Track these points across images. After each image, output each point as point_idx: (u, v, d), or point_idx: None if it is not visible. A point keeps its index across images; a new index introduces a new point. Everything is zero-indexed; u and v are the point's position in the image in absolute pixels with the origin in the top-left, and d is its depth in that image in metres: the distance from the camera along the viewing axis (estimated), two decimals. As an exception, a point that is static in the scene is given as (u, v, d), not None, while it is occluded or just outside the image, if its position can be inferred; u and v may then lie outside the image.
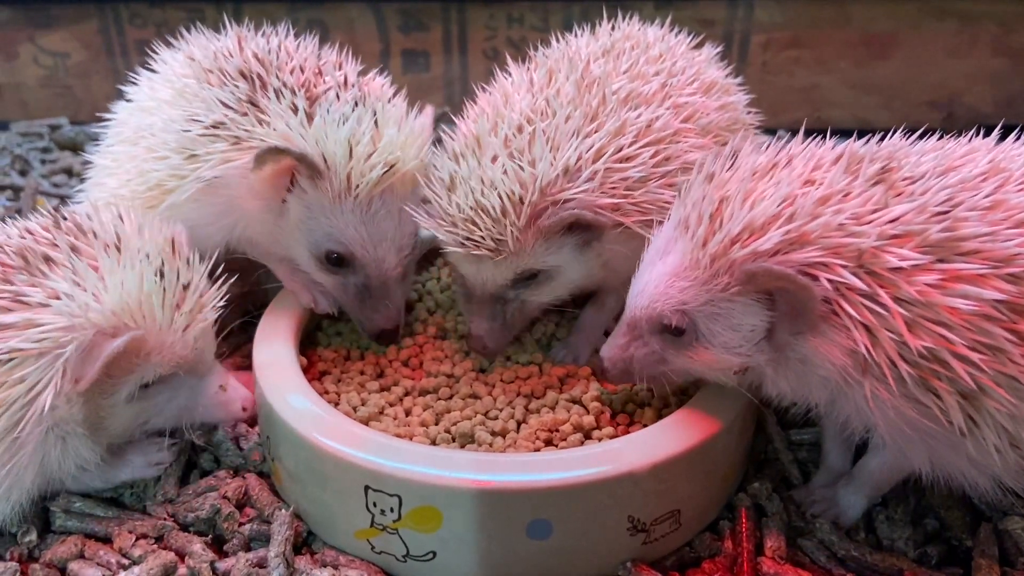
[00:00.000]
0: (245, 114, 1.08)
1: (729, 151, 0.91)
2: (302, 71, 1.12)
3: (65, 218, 0.98)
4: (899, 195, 0.82)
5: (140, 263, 0.93)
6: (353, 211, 1.07)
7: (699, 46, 1.22)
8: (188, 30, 1.23)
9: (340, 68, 1.16)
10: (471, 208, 0.99)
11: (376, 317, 1.13)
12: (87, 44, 2.11)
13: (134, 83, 1.24)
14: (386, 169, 1.06)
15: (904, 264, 0.78)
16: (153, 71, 1.24)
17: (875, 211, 0.81)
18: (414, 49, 2.11)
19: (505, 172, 0.97)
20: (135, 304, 0.91)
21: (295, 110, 1.07)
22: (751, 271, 0.81)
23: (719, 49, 1.24)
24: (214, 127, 1.08)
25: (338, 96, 1.10)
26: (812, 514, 1.02)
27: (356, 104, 1.09)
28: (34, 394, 0.87)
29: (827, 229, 0.80)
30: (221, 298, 1.00)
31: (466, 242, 1.00)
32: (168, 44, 1.24)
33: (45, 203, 1.76)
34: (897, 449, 0.91)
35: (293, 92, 1.08)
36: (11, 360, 0.87)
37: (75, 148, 2.01)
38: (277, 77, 1.10)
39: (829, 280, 0.79)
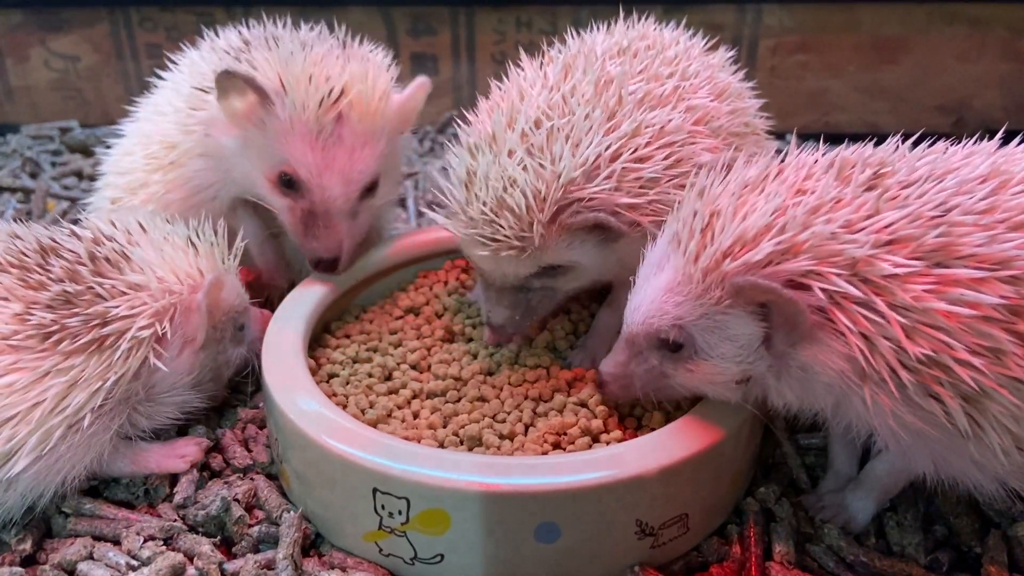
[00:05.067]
0: (238, 60, 1.15)
1: (720, 165, 0.91)
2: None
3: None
4: (893, 200, 0.81)
5: (178, 233, 1.07)
6: (304, 136, 1.11)
7: (713, 48, 1.22)
8: (198, 34, 1.24)
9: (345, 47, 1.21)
10: (493, 206, 0.98)
11: (316, 245, 1.18)
12: (98, 47, 2.12)
13: (145, 94, 1.29)
14: (338, 96, 1.10)
15: (899, 271, 0.77)
16: (163, 79, 1.28)
17: (868, 217, 0.80)
18: (423, 53, 2.12)
19: (525, 168, 0.96)
20: (195, 261, 1.05)
21: (276, 42, 1.13)
22: (739, 285, 0.81)
23: (732, 53, 1.24)
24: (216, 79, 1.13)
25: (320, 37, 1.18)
26: (821, 520, 1.01)
27: (330, 40, 1.16)
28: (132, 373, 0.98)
29: (819, 238, 0.79)
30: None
31: (489, 241, 1.00)
32: (177, 47, 1.25)
33: (55, 206, 1.77)
34: (900, 453, 0.91)
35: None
36: (121, 345, 0.96)
37: (85, 151, 2.02)
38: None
39: (823, 289, 0.78)
